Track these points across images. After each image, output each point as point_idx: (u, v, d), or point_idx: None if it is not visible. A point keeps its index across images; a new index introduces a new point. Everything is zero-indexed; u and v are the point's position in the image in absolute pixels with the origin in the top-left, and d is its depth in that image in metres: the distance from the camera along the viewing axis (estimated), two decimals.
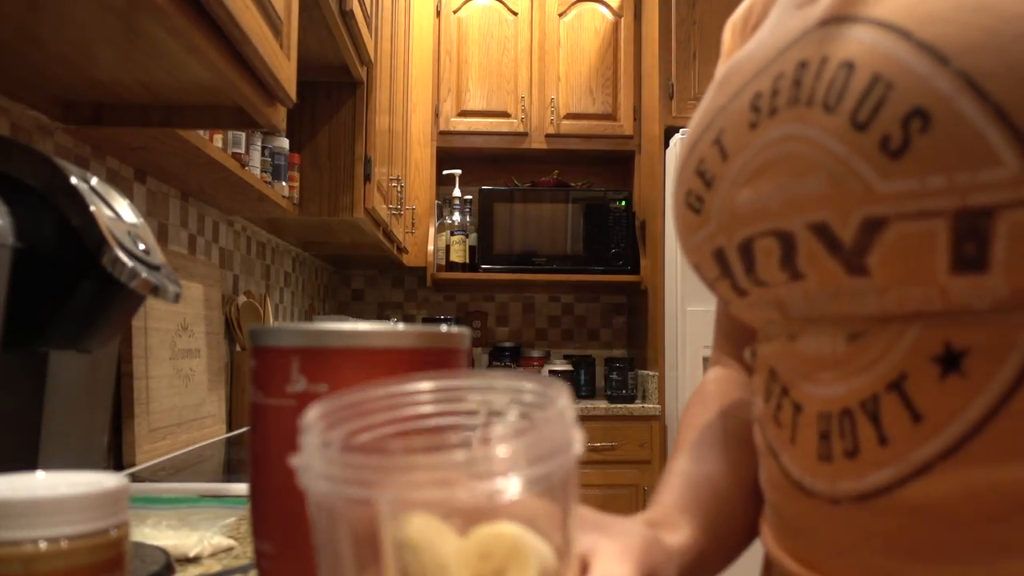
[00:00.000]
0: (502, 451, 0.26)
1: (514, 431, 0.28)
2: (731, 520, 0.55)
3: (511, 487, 0.26)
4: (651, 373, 3.10)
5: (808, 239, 0.41)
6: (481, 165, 3.56)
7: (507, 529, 0.27)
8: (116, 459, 1.32)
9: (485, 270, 3.27)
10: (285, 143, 1.76)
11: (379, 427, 0.31)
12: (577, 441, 0.28)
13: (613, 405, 3.00)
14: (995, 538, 0.37)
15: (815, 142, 0.40)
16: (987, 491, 0.37)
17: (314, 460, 0.28)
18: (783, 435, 0.46)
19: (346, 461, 0.27)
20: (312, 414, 0.30)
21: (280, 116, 1.13)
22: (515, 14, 3.37)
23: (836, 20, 0.41)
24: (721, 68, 0.57)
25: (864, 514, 0.41)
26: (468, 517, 0.27)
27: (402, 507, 0.26)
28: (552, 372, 3.17)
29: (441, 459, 0.26)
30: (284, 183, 1.77)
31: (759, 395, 0.51)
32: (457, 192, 3.40)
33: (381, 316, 3.59)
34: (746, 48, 0.50)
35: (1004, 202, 0.34)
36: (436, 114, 3.30)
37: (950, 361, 0.37)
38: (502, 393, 0.30)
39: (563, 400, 0.29)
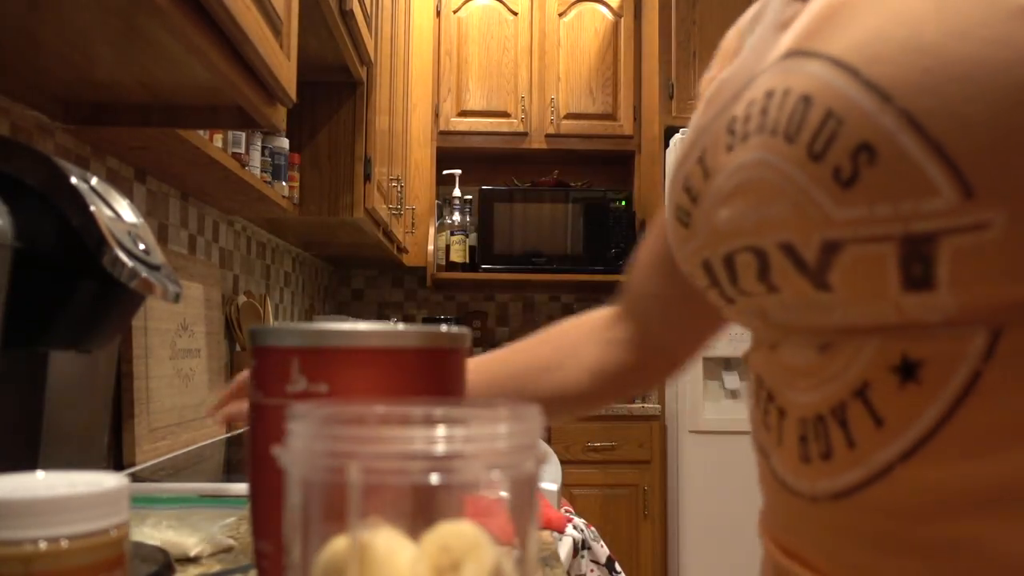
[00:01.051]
0: (468, 434, 0.28)
1: (485, 425, 0.30)
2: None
3: (475, 466, 0.28)
4: None
5: (779, 256, 0.44)
6: (481, 165, 3.56)
7: (467, 527, 0.29)
8: (116, 459, 1.32)
9: (485, 270, 3.27)
10: (285, 143, 1.76)
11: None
12: (540, 450, 0.31)
13: (613, 405, 3.00)
14: (950, 532, 0.40)
15: (780, 169, 0.42)
16: (941, 490, 0.40)
17: (293, 437, 0.29)
18: (772, 438, 0.49)
19: (321, 432, 0.28)
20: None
21: (280, 116, 1.13)
22: (515, 14, 3.37)
23: (798, 53, 0.43)
24: (715, 75, 0.61)
25: (838, 512, 0.44)
26: (431, 514, 0.29)
27: (369, 476, 0.27)
28: None
29: (412, 433, 0.28)
30: (284, 183, 1.77)
31: (751, 399, 0.54)
32: (457, 192, 3.40)
33: (381, 316, 3.59)
34: (731, 67, 0.54)
35: (943, 229, 0.36)
36: (436, 114, 3.30)
37: (907, 371, 0.40)
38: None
39: (535, 418, 0.31)
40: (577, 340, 0.78)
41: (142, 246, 0.68)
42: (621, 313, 0.77)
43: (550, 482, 1.79)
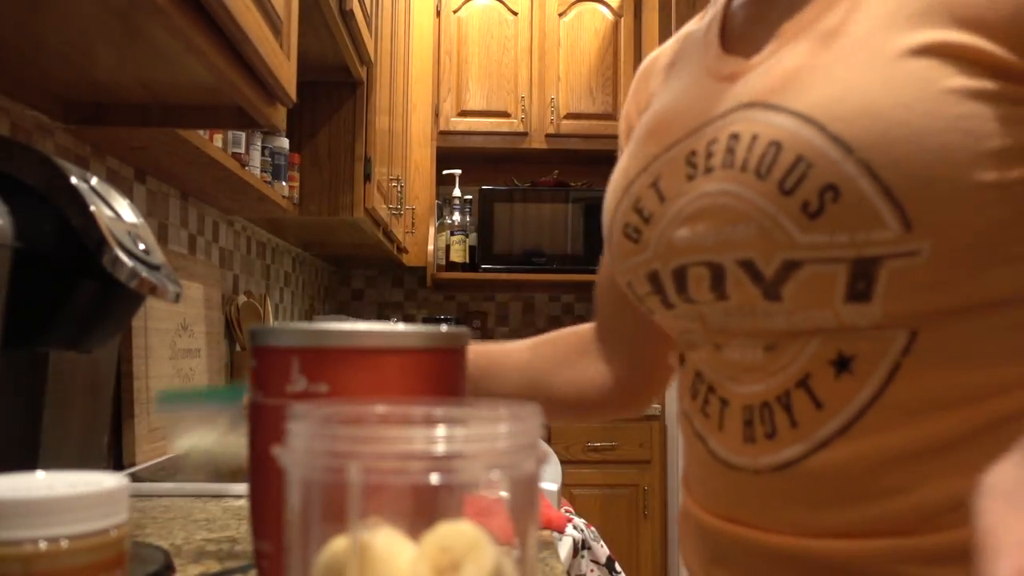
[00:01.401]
0: (468, 434, 0.29)
1: (485, 425, 0.30)
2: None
3: (475, 466, 0.29)
4: None
5: (736, 271, 0.53)
6: (481, 165, 3.55)
7: (467, 527, 0.29)
8: (116, 459, 1.32)
9: (485, 270, 3.27)
10: (285, 143, 1.76)
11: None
12: (540, 450, 0.31)
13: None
14: (870, 487, 0.50)
15: (748, 199, 0.51)
16: (866, 456, 0.50)
17: (293, 437, 0.30)
18: (711, 424, 0.58)
19: (321, 432, 0.29)
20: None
21: (280, 116, 1.13)
22: (515, 14, 3.37)
23: (761, 106, 0.52)
24: (638, 114, 0.71)
25: (780, 480, 0.53)
26: (431, 514, 0.29)
27: (369, 476, 0.28)
28: None
29: (412, 433, 0.28)
30: (284, 183, 1.77)
31: (686, 392, 0.62)
32: (457, 192, 3.40)
33: (381, 316, 3.59)
34: (663, 106, 0.63)
35: (887, 254, 0.47)
36: (436, 114, 3.30)
37: (842, 364, 0.50)
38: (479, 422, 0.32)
39: (534, 418, 0.31)
40: (582, 349, 0.82)
41: (142, 246, 0.68)
42: (599, 331, 0.82)
43: (550, 482, 1.79)
